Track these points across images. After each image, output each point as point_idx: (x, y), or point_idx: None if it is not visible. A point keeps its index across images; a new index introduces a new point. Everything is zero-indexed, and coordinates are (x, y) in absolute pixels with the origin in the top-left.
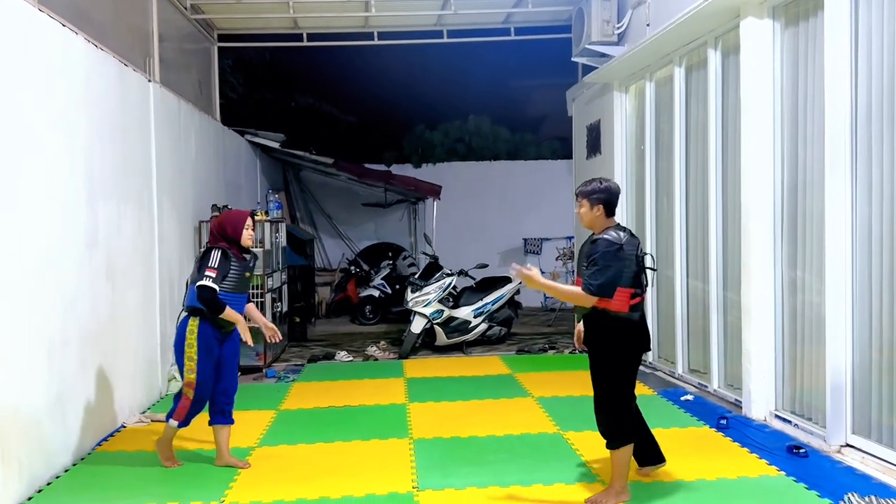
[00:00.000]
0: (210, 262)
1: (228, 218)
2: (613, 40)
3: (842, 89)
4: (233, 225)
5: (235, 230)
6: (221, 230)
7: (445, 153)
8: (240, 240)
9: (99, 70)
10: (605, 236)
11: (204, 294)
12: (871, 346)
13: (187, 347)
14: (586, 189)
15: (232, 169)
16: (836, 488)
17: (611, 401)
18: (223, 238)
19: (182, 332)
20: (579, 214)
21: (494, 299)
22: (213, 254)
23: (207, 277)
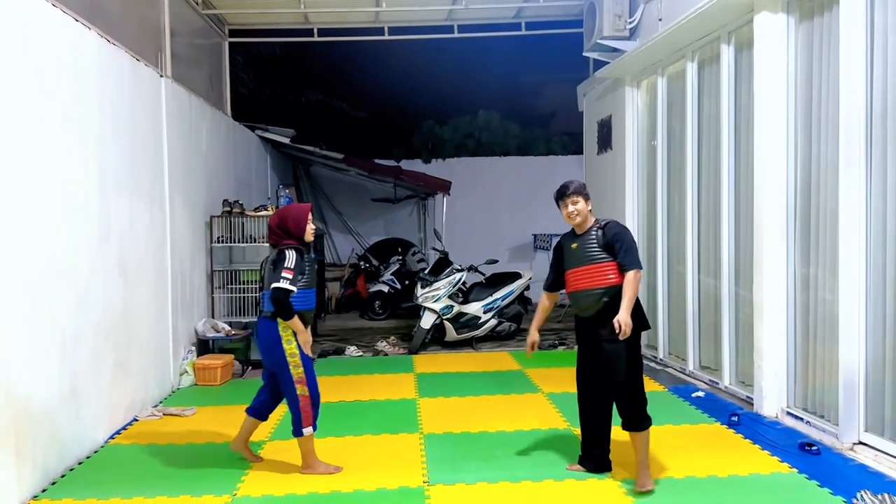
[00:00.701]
0: (287, 262)
1: (289, 214)
2: (625, 35)
3: (857, 85)
4: (296, 221)
5: (299, 226)
6: (284, 227)
7: (455, 148)
8: (304, 235)
9: (111, 65)
10: (613, 220)
11: (278, 294)
12: (884, 343)
13: (286, 345)
14: (579, 185)
15: (242, 164)
16: (849, 486)
17: (641, 382)
18: (286, 235)
19: (273, 335)
20: (577, 212)
21: (504, 295)
22: (288, 254)
23: (284, 279)
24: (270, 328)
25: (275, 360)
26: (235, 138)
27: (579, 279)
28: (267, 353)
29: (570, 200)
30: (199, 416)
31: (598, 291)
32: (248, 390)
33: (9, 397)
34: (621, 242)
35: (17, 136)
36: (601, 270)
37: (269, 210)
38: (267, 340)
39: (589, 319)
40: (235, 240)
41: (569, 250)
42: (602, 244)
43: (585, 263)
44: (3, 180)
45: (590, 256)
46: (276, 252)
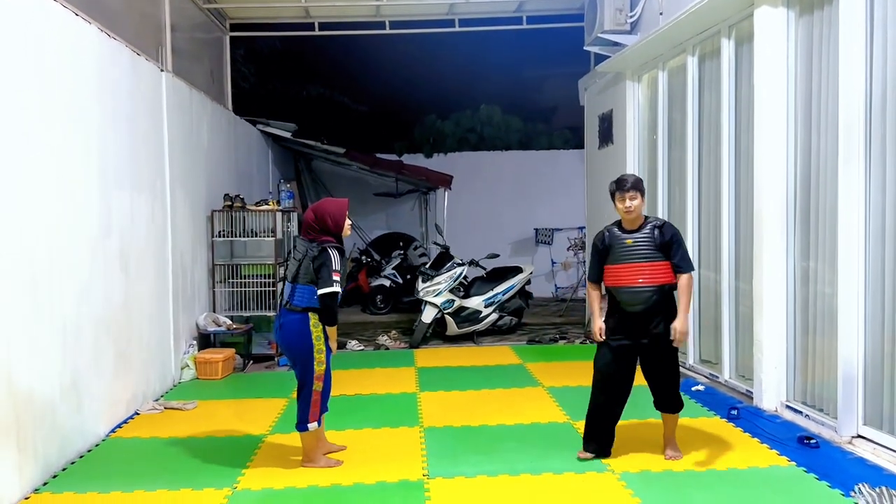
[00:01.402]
0: (333, 264)
1: (327, 209)
2: (626, 29)
3: (856, 79)
4: (334, 217)
5: (337, 223)
6: (322, 223)
7: (457, 143)
8: (342, 232)
9: (112, 59)
10: (666, 221)
11: (330, 301)
12: (883, 337)
13: (315, 341)
14: (638, 183)
15: (244, 158)
16: (847, 479)
17: (679, 373)
18: (323, 231)
19: (302, 329)
20: (632, 207)
21: (505, 289)
22: (332, 255)
23: (336, 283)
24: (300, 322)
25: (299, 352)
26: (236, 133)
27: (631, 275)
28: (292, 346)
29: (628, 195)
30: (201, 410)
31: (651, 289)
32: (250, 384)
33: (10, 391)
34: (679, 245)
35: (18, 132)
36: (656, 269)
37: (271, 205)
38: (295, 333)
39: (636, 315)
40: (236, 234)
41: (621, 244)
42: (659, 244)
43: (639, 260)
44: (5, 176)
45: (645, 254)
46: (319, 249)
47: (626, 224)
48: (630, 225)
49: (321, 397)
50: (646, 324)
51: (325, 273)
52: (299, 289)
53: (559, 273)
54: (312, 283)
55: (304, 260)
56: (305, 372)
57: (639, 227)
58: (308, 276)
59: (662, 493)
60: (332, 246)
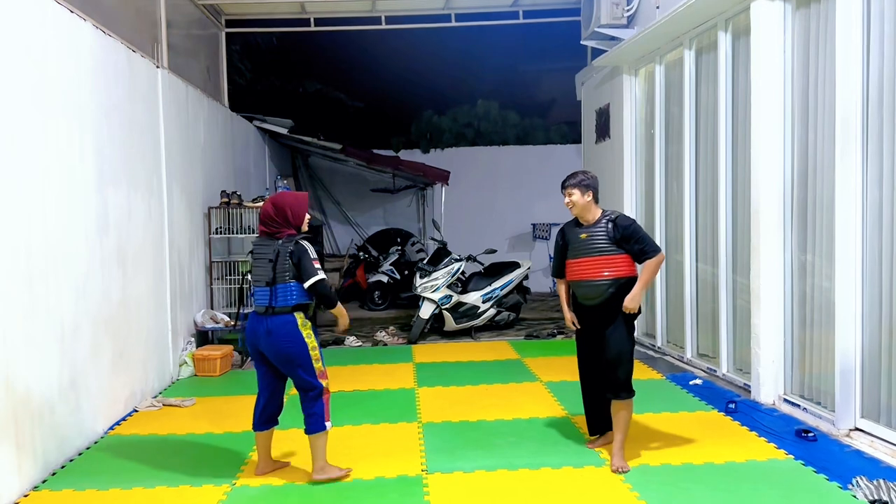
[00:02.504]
0: (312, 254)
1: (287, 201)
2: (623, 23)
3: (853, 72)
4: (294, 210)
5: (297, 215)
6: (282, 216)
7: (454, 138)
8: (302, 225)
9: (107, 56)
10: (620, 214)
11: (322, 288)
12: (880, 330)
13: (307, 339)
14: (574, 180)
15: (240, 155)
16: (845, 472)
17: (630, 352)
18: (285, 224)
19: (293, 331)
20: (572, 203)
21: (503, 284)
22: (306, 246)
23: (320, 270)
24: (288, 324)
25: (295, 355)
26: (233, 129)
27: (586, 269)
28: (283, 349)
29: (566, 192)
30: (199, 407)
31: (605, 283)
32: (248, 380)
33: (8, 389)
34: (636, 234)
35: (14, 129)
36: (609, 262)
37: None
38: (286, 336)
39: (593, 308)
40: (234, 231)
41: (575, 239)
42: (613, 237)
43: (593, 254)
44: (1, 174)
45: (599, 248)
46: (293, 244)
47: (581, 219)
48: (585, 220)
49: (328, 394)
50: (603, 317)
51: (307, 264)
52: (281, 289)
53: None
54: (294, 279)
55: (279, 259)
56: (307, 374)
57: (595, 221)
58: (288, 274)
59: (660, 487)
60: (301, 238)
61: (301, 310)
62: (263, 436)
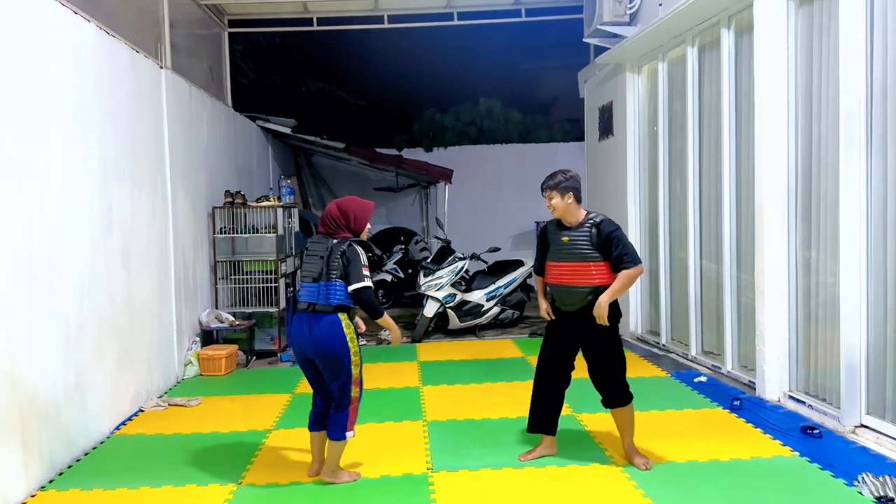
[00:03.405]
0: (363, 260)
1: (352, 206)
2: (625, 20)
3: (857, 69)
4: (357, 216)
5: (360, 223)
6: (346, 219)
7: (457, 136)
8: (361, 233)
9: (110, 57)
10: (605, 218)
11: (366, 296)
12: (885, 326)
13: (350, 343)
14: (552, 182)
15: (244, 154)
16: (851, 468)
17: (623, 362)
18: (343, 228)
19: (338, 332)
20: (552, 206)
21: (507, 283)
22: (359, 250)
23: (367, 277)
24: (333, 325)
25: (336, 357)
26: (236, 129)
27: (566, 274)
28: (326, 350)
29: (545, 195)
30: (204, 407)
31: (585, 289)
32: (253, 380)
33: (14, 389)
34: (619, 242)
35: (17, 129)
36: (590, 269)
37: (271, 201)
38: (329, 336)
39: (572, 314)
40: (238, 230)
41: (557, 241)
42: (595, 243)
43: (575, 259)
44: (5, 173)
45: (581, 253)
46: (346, 245)
47: (564, 222)
48: (568, 223)
49: (358, 403)
50: (582, 322)
51: (356, 268)
52: (327, 287)
53: None
54: (341, 279)
55: (331, 256)
56: (339, 376)
57: (578, 224)
58: (337, 272)
59: (666, 485)
60: (356, 241)
61: (343, 311)
62: (317, 437)
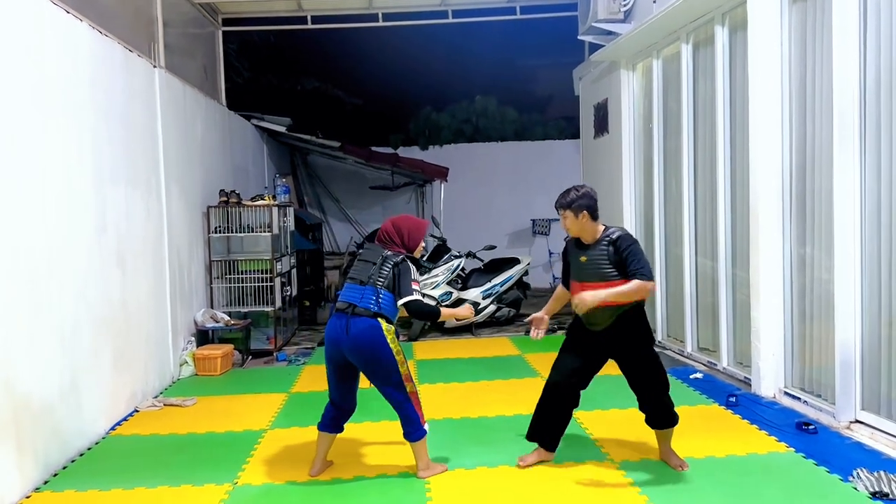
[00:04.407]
0: (414, 275)
1: (409, 223)
2: (620, 18)
3: (850, 65)
4: (412, 233)
5: (414, 240)
6: (400, 236)
7: (452, 135)
8: (415, 250)
9: (104, 56)
10: (623, 233)
11: (416, 306)
12: (880, 322)
13: (392, 344)
14: (565, 200)
15: (239, 154)
16: (846, 464)
17: (665, 382)
18: (396, 243)
19: (376, 337)
20: (566, 227)
21: (503, 281)
22: (412, 267)
23: (416, 291)
24: (372, 329)
25: (378, 361)
26: (231, 128)
27: None
28: (368, 354)
29: (560, 214)
30: (200, 406)
31: (609, 309)
32: (249, 379)
33: (9, 390)
34: (634, 256)
35: (12, 129)
36: (611, 287)
37: (267, 200)
38: (370, 339)
39: (599, 333)
40: (233, 230)
41: (576, 261)
42: (614, 261)
43: (595, 280)
44: (2, 174)
45: (601, 273)
46: (400, 258)
47: (581, 239)
48: (585, 240)
49: (417, 398)
50: (613, 342)
51: (405, 282)
52: (371, 291)
53: (556, 263)
54: (387, 288)
55: (383, 264)
56: (389, 380)
57: (595, 241)
58: (384, 281)
59: (662, 482)
60: (408, 257)
61: (383, 318)
62: (325, 437)
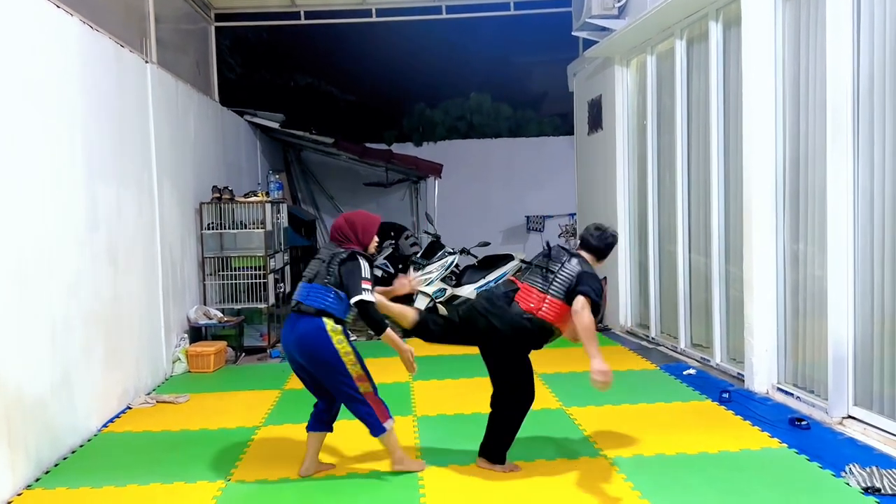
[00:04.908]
0: (363, 272)
1: (360, 219)
2: (614, 13)
3: (844, 61)
4: (365, 229)
5: (367, 235)
6: (353, 231)
7: (446, 131)
8: (368, 247)
9: (95, 52)
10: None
11: (365, 310)
12: (872, 318)
13: (339, 345)
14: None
15: (232, 150)
16: (838, 459)
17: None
18: (349, 240)
19: (321, 335)
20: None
21: (497, 277)
22: (362, 263)
23: (366, 291)
24: (315, 327)
25: (323, 360)
26: (224, 124)
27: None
28: (312, 354)
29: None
30: (193, 403)
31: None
32: (242, 376)
33: (0, 387)
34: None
35: (2, 125)
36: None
37: (260, 196)
38: (314, 340)
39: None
40: (226, 226)
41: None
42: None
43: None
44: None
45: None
46: (348, 254)
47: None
48: None
49: (378, 398)
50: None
51: (354, 280)
52: (315, 288)
53: None
54: (332, 286)
55: (331, 261)
56: (337, 381)
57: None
58: (330, 279)
59: (655, 477)
60: (360, 254)
61: (328, 317)
62: (313, 437)
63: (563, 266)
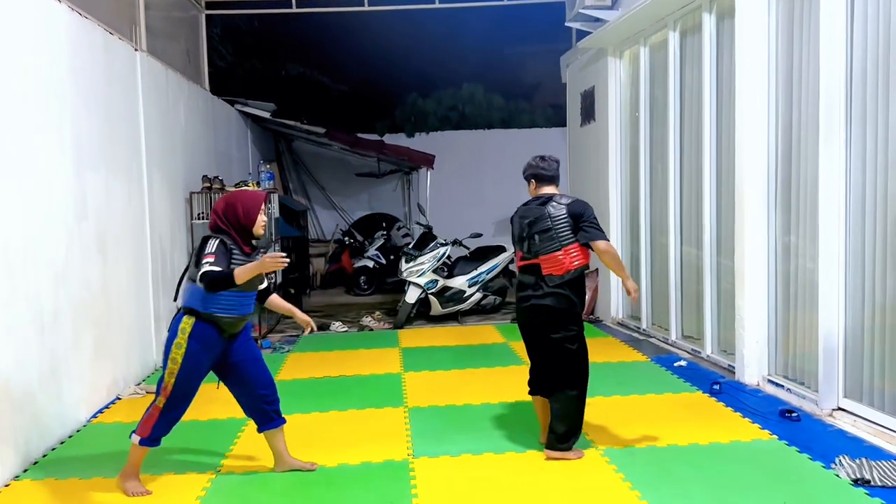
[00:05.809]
0: (210, 248)
1: (239, 199)
2: (607, 4)
3: (837, 54)
4: (245, 208)
5: (248, 215)
6: (231, 213)
7: (439, 122)
8: (252, 226)
9: (84, 39)
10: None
11: (207, 278)
12: (863, 310)
13: (175, 348)
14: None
15: (222, 139)
16: (828, 451)
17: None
18: (229, 223)
19: (172, 335)
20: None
21: (489, 269)
22: (209, 243)
23: (206, 264)
24: (176, 323)
25: (164, 356)
26: (215, 113)
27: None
28: (165, 350)
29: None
30: None
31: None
32: None
33: None
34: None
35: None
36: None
37: (250, 185)
38: (169, 337)
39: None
40: None
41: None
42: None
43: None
44: None
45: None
46: (200, 242)
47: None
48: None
49: (160, 416)
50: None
51: (197, 259)
52: (184, 286)
53: None
54: (191, 279)
55: (192, 256)
56: (161, 378)
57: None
58: (191, 273)
59: (646, 469)
60: (214, 237)
61: (193, 314)
62: (265, 435)
63: (549, 218)
